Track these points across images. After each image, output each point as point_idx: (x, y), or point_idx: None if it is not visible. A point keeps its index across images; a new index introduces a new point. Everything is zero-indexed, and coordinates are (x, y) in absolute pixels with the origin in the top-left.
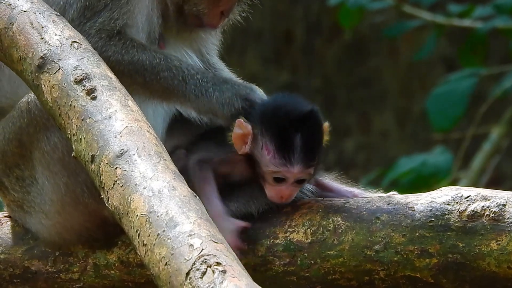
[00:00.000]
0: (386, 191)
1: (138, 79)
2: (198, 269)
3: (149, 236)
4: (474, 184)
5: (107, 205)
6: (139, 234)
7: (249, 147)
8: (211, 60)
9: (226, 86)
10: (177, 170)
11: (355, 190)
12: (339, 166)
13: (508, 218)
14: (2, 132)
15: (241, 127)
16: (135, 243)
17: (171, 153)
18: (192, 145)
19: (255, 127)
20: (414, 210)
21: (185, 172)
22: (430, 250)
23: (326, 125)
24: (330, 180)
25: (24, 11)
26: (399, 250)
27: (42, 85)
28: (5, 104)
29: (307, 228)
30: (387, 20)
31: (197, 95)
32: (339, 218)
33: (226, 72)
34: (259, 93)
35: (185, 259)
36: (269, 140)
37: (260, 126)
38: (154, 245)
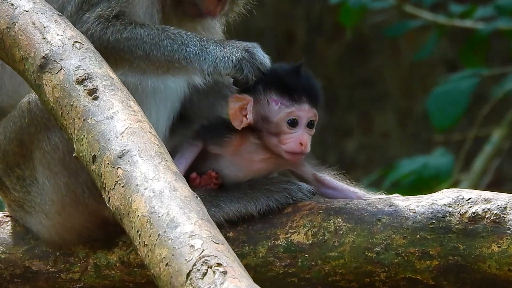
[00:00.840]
0: (388, 193)
1: (139, 52)
2: (198, 270)
3: (150, 236)
4: (475, 186)
5: (108, 205)
6: (140, 234)
7: (251, 115)
8: None
9: (227, 42)
10: (178, 171)
11: (358, 191)
12: (340, 166)
13: (509, 220)
14: (3, 132)
15: (238, 99)
16: (136, 244)
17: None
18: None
19: (253, 93)
20: (415, 212)
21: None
22: (431, 252)
23: None
24: (333, 179)
25: (26, 11)
26: (400, 252)
27: (44, 85)
28: (6, 103)
29: (308, 230)
30: (388, 20)
31: (197, 53)
32: (340, 220)
33: None
34: (260, 48)
35: (186, 259)
36: (274, 91)
37: (261, 86)
38: (155, 246)
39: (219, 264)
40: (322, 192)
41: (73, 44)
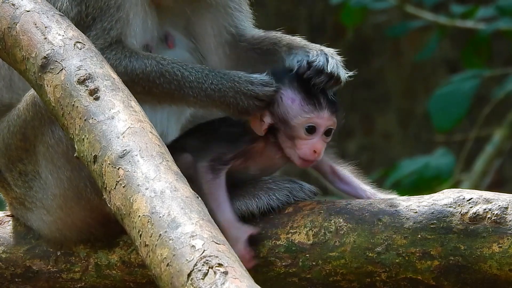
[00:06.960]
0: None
1: (137, 88)
2: (199, 270)
3: (151, 237)
4: (476, 186)
5: (109, 205)
6: (141, 234)
7: (268, 118)
8: (243, 32)
9: (226, 84)
10: (179, 171)
11: (369, 191)
12: None
13: (510, 221)
14: (7, 125)
15: None
16: (137, 244)
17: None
18: (200, 149)
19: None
20: (416, 212)
21: (192, 177)
22: (431, 253)
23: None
24: (349, 173)
25: (28, 11)
26: (401, 252)
27: (45, 85)
28: (16, 101)
29: (309, 230)
30: (390, 21)
31: (196, 97)
32: (341, 220)
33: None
34: (262, 83)
35: (187, 260)
36: (294, 93)
37: (281, 87)
38: (156, 246)
39: (220, 265)
40: (336, 186)
41: (74, 44)
